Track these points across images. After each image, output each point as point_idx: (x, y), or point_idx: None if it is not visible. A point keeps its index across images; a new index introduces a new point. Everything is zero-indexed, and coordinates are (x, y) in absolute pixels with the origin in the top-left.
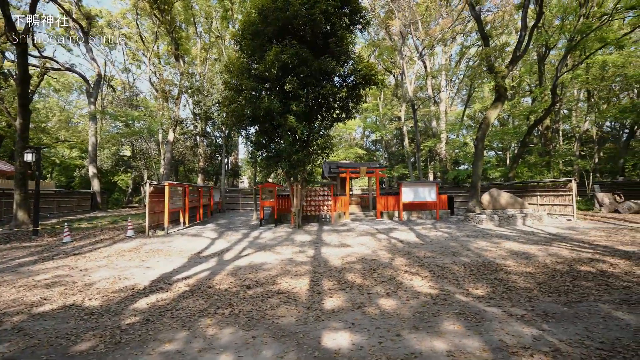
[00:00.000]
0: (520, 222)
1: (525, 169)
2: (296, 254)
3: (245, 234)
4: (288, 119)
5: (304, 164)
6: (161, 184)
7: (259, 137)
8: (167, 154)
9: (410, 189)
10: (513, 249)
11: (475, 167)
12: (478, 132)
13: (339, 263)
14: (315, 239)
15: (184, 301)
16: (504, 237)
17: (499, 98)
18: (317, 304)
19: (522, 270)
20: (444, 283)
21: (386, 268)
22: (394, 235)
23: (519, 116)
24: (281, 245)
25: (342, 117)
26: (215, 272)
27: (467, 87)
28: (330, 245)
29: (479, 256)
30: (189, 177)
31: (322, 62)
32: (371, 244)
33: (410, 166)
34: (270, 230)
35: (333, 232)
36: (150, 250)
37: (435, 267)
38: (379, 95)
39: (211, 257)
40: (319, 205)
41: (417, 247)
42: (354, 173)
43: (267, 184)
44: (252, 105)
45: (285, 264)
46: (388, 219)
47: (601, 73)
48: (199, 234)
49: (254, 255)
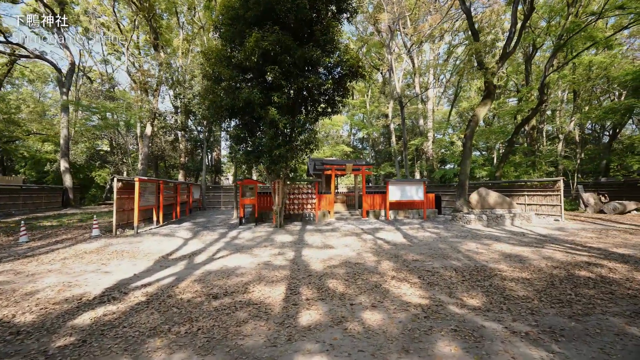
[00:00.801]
0: (508, 222)
1: (511, 168)
2: (275, 257)
3: (222, 234)
4: (269, 111)
5: (286, 159)
6: (131, 179)
7: (239, 130)
8: (144, 148)
9: (397, 187)
10: (505, 252)
11: (463, 165)
12: (467, 129)
13: (320, 267)
14: (297, 239)
15: (135, 315)
16: (494, 238)
17: (488, 95)
18: (291, 319)
19: (517, 275)
20: (435, 291)
21: (371, 273)
22: (380, 235)
23: (506, 116)
24: (259, 247)
25: (327, 111)
26: (182, 277)
27: (454, 86)
28: (313, 246)
29: (470, 259)
30: (170, 173)
31: (306, 50)
32: (356, 245)
33: (397, 164)
34: (250, 229)
35: (316, 232)
36: (114, 252)
37: (425, 272)
38: (367, 93)
39: (180, 260)
40: (302, 204)
41: (404, 249)
42: (339, 170)
43: (247, 180)
44: (231, 95)
45: (261, 269)
46: (374, 218)
47: (587, 74)
48: (172, 233)
49: (228, 258)
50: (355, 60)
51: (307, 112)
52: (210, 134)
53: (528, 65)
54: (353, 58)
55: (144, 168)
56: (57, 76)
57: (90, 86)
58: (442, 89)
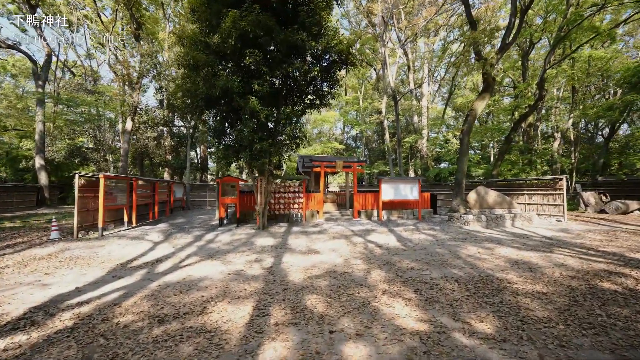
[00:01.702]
0: (509, 223)
1: (508, 166)
2: (250, 264)
3: (197, 237)
4: (249, 100)
5: (269, 154)
6: (94, 176)
7: (217, 122)
8: (124, 144)
9: (391, 185)
10: (511, 257)
11: (460, 162)
12: (463, 125)
13: (300, 278)
14: (280, 243)
15: (45, 350)
16: (496, 241)
17: (486, 88)
18: (249, 356)
19: (531, 288)
20: (435, 311)
21: (359, 286)
22: (372, 238)
23: (502, 113)
24: (236, 252)
25: (316, 103)
26: (132, 292)
27: (448, 84)
28: (296, 251)
29: (473, 267)
30: (156, 171)
31: (290, 33)
32: (344, 249)
33: (390, 162)
34: (230, 231)
35: (302, 234)
36: (67, 259)
37: (422, 284)
38: (360, 89)
39: (140, 268)
40: (288, 203)
41: (398, 255)
42: (329, 167)
43: (227, 177)
44: (207, 83)
45: (230, 280)
46: (366, 218)
47: (586, 69)
48: (142, 236)
49: (196, 266)
50: (345, 45)
51: (294, 104)
52: (195, 129)
53: (525, 61)
54: (342, 43)
55: (124, 165)
56: (33, 68)
57: (72, 80)
58: (436, 87)
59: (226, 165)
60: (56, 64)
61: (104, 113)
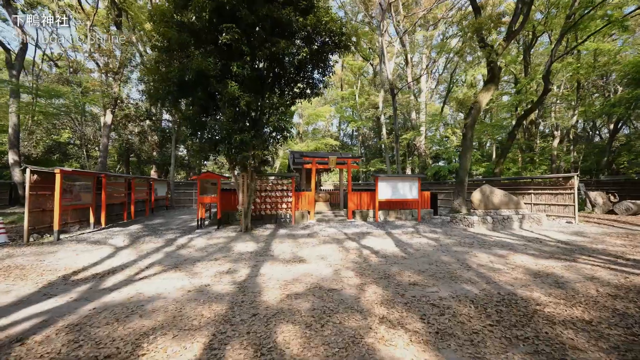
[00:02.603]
0: (516, 225)
1: (510, 164)
2: (220, 277)
3: (168, 241)
4: (228, 85)
5: (252, 147)
6: (50, 170)
7: (192, 111)
8: (103, 138)
9: (388, 184)
10: (530, 267)
11: (462, 159)
12: (467, 118)
13: (276, 297)
14: (262, 248)
15: None
16: (507, 246)
17: (491, 79)
18: None
19: (568, 314)
20: (452, 352)
21: (350, 311)
22: (367, 243)
23: (504, 108)
24: (207, 260)
25: (306, 92)
26: (53, 319)
27: (446, 81)
28: (278, 259)
29: (488, 282)
30: (143, 168)
31: (275, 8)
32: (335, 257)
33: (387, 160)
34: (208, 234)
35: (289, 238)
36: (2, 269)
37: (430, 307)
38: (356, 83)
39: (84, 282)
40: (276, 203)
41: (397, 264)
42: (321, 164)
43: (207, 174)
44: (179, 65)
45: (188, 300)
46: (361, 220)
47: (592, 63)
48: (105, 240)
49: (154, 280)
50: (337, 24)
51: (282, 93)
52: (181, 124)
53: (527, 55)
54: (334, 21)
55: (103, 161)
56: (6, 57)
57: (51, 72)
58: (434, 84)
59: (203, 159)
60: (42, 57)
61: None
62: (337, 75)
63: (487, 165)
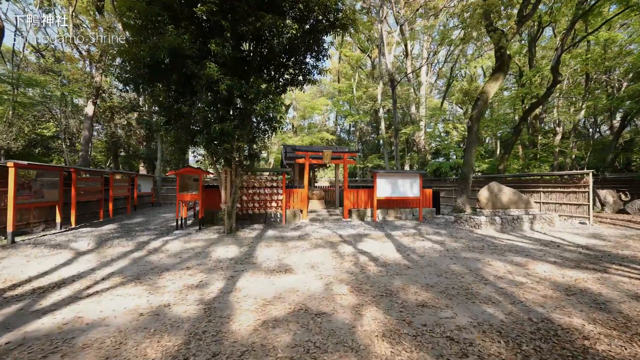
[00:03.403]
0: (527, 226)
1: (514, 160)
2: (186, 293)
3: (139, 245)
4: (206, 66)
5: (235, 139)
6: (2, 164)
7: (166, 96)
8: (85, 131)
9: (387, 180)
10: (556, 280)
11: (467, 154)
12: (473, 110)
13: (249, 325)
14: (244, 254)
15: None
16: (522, 251)
17: (500, 67)
18: None
19: (629, 353)
20: None
21: (343, 349)
22: (365, 247)
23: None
24: (177, 269)
25: (298, 79)
26: None
27: (446, 76)
28: (261, 268)
29: (513, 301)
30: (132, 163)
31: None
32: (327, 266)
33: (386, 156)
34: (187, 236)
35: (277, 240)
36: None
37: (447, 342)
38: (353, 76)
39: (17, 300)
40: (265, 201)
41: (400, 275)
42: (315, 159)
43: (187, 169)
44: (151, 44)
45: (136, 328)
46: (358, 219)
47: (603, 54)
48: (68, 243)
49: (104, 297)
50: (331, 0)
51: (271, 78)
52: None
53: (532, 47)
54: None
55: (85, 155)
56: None
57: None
58: (434, 77)
59: (179, 152)
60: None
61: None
62: (334, 68)
63: (490, 162)
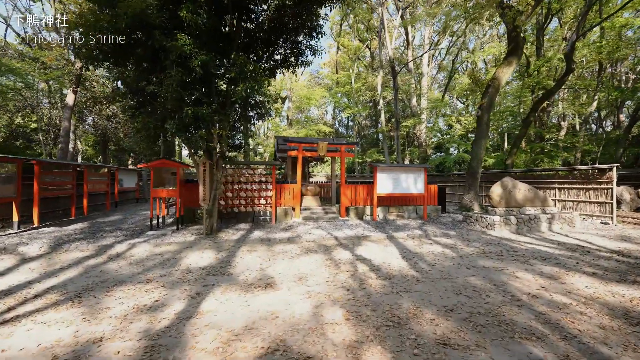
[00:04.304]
0: (545, 227)
1: (522, 155)
2: (131, 320)
3: (100, 250)
4: (176, 38)
5: (213, 126)
6: None
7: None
8: (64, 122)
9: (389, 175)
10: (606, 300)
11: (476, 147)
12: (483, 98)
13: None
14: (221, 262)
15: None
16: (549, 258)
17: (514, 51)
18: None
19: None
20: None
21: None
22: (364, 252)
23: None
24: (134, 282)
25: (289, 60)
26: None
27: (448, 70)
28: (237, 282)
29: (565, 336)
30: (122, 157)
31: None
32: (319, 278)
33: (386, 150)
34: (160, 239)
35: (263, 244)
36: None
37: None
38: (352, 66)
39: None
40: (252, 198)
41: (409, 294)
42: (309, 151)
43: (161, 161)
44: (112, 12)
45: None
46: (356, 218)
47: (617, 43)
48: (16, 247)
49: (22, 324)
50: None
51: (258, 59)
52: None
53: (540, 36)
54: None
55: (64, 148)
56: None
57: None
58: (435, 70)
59: (146, 140)
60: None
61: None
62: (332, 60)
63: (497, 156)
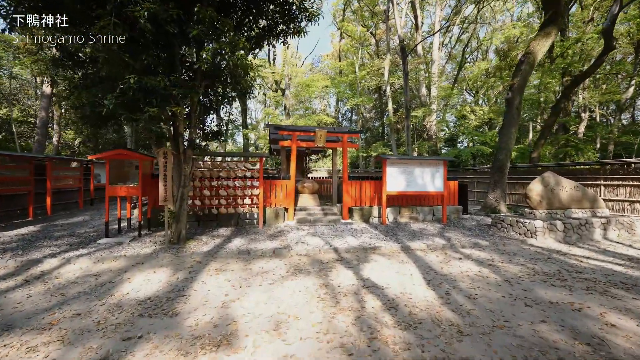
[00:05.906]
0: (599, 234)
1: (549, 147)
2: None
3: (23, 265)
4: None
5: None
6: None
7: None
8: (41, 112)
9: (401, 169)
10: None
11: (504, 137)
12: (514, 77)
13: None
14: (172, 289)
15: None
16: (636, 285)
17: (552, 20)
18: None
19: None
20: None
21: None
22: (373, 274)
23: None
24: (25, 327)
25: (279, 27)
26: None
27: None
28: (180, 331)
29: None
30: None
31: None
32: (305, 325)
33: (393, 142)
34: (108, 250)
35: (238, 260)
36: None
37: None
38: (356, 53)
39: None
40: (235, 196)
41: None
42: (305, 140)
43: (119, 151)
44: None
45: None
46: (361, 221)
47: None
48: None
49: None
50: None
51: (239, 24)
52: None
53: (565, 15)
54: None
55: (41, 140)
56: None
57: None
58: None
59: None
60: None
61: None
62: (335, 49)
63: (520, 149)
